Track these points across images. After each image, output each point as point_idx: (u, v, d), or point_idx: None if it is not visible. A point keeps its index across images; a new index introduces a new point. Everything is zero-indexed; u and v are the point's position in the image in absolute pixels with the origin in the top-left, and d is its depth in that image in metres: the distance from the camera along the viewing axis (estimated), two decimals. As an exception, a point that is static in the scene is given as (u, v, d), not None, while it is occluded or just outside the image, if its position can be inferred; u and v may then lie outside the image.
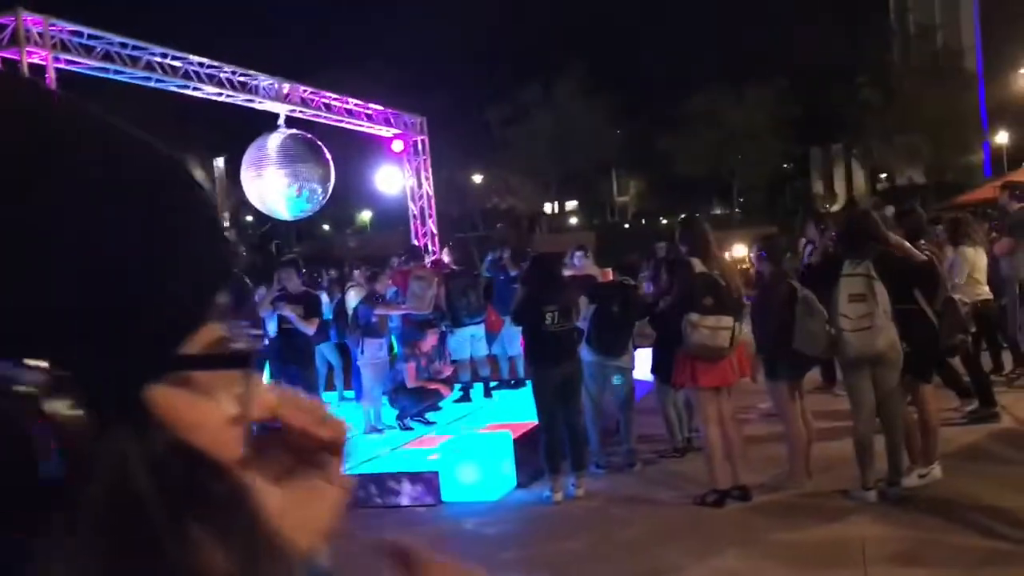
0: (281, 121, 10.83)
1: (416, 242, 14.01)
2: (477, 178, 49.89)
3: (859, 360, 5.81)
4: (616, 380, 7.34)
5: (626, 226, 54.72)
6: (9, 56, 7.23)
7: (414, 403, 9.62)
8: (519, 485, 7.17)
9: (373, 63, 40.96)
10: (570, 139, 45.39)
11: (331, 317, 10.82)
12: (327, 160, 10.90)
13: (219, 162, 49.71)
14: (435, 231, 14.19)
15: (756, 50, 47.99)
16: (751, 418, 8.11)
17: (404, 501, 7.08)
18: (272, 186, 10.53)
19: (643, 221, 62.26)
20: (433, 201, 14.20)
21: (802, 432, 6.47)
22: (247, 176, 10.58)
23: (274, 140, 10.58)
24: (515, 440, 7.63)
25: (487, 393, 10.46)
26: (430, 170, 14.11)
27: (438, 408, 10.41)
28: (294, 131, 10.75)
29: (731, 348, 6.08)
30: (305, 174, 10.60)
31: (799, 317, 6.21)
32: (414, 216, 14.03)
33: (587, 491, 6.80)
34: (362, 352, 9.62)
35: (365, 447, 8.94)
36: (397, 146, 13.77)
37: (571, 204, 58.21)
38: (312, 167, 10.65)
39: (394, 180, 13.84)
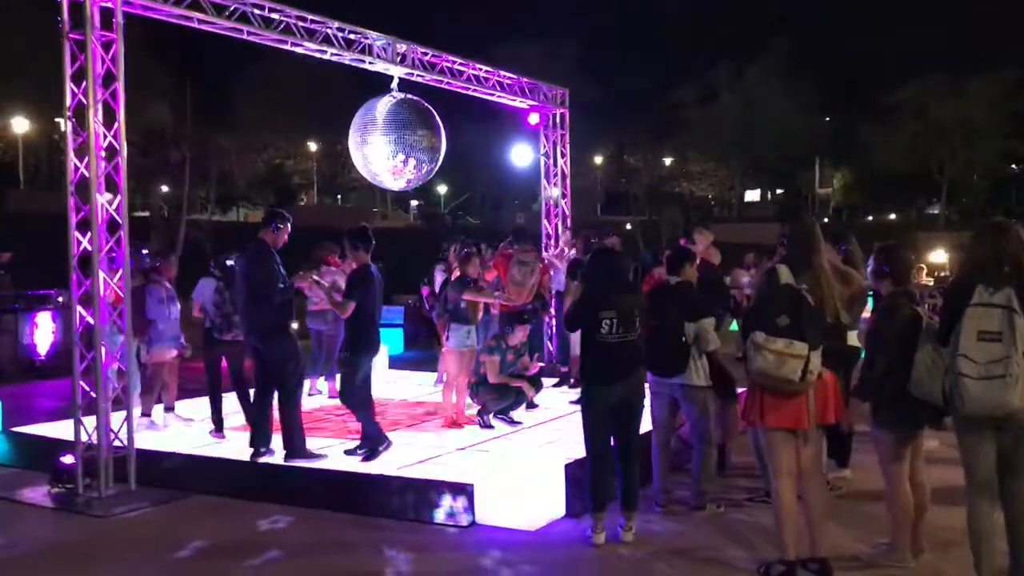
0: (394, 85, 10.14)
1: (547, 223, 13.08)
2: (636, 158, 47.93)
3: (980, 419, 4.42)
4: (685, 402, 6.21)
5: (825, 220, 51.18)
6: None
7: (495, 400, 8.78)
8: (569, 514, 6.15)
9: (520, 35, 39.82)
10: (764, 124, 42.82)
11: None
12: (438, 129, 10.12)
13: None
14: (568, 212, 13.19)
15: (984, 37, 43.47)
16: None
17: (437, 517, 6.24)
18: (377, 154, 9.87)
19: (843, 216, 58.38)
20: (568, 181, 13.19)
21: (908, 499, 5.12)
22: (353, 143, 9.96)
23: (382, 105, 9.90)
24: (573, 461, 6.65)
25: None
26: (568, 147, 13.10)
27: (535, 406, 9.51)
28: (406, 95, 10.03)
29: (802, 382, 4.81)
30: (412, 143, 9.87)
31: (922, 354, 4.87)
32: (544, 195, 13.09)
33: (637, 535, 5.73)
34: (447, 339, 8.85)
35: (435, 442, 8.18)
36: (533, 119, 12.87)
37: (753, 194, 55.27)
38: (420, 135, 9.91)
39: (528, 155, 12.91)
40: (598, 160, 49.36)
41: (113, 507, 6.75)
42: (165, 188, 31.95)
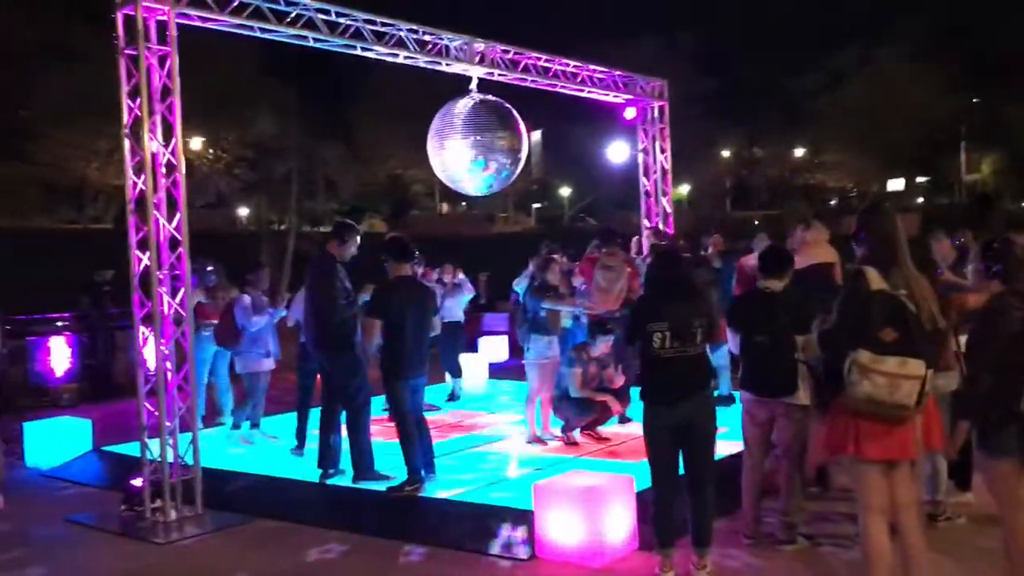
0: (473, 86, 9.72)
1: (647, 222, 12.41)
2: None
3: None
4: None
5: (966, 207, 47.79)
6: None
7: (578, 415, 8.23)
8: (642, 546, 5.55)
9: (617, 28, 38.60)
10: (900, 109, 40.38)
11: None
12: (519, 130, 9.65)
13: (536, 135, 50.53)
14: (669, 210, 12.48)
15: None
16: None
17: (493, 548, 5.75)
18: (456, 158, 9.48)
19: (991, 203, 54.56)
20: (670, 177, 12.48)
21: (1026, 535, 4.30)
22: (431, 147, 9.60)
23: (461, 107, 9.51)
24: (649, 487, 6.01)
25: None
26: (668, 141, 12.40)
27: (629, 420, 8.91)
28: (485, 96, 9.60)
29: (918, 408, 4.09)
30: (491, 145, 9.43)
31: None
32: (646, 193, 12.42)
33: (714, 573, 5.08)
34: (527, 350, 8.37)
35: (509, 461, 7.72)
36: (629, 113, 12.24)
37: (897, 183, 52.24)
38: (500, 137, 9.45)
39: (624, 152, 12.26)
40: (726, 154, 47.91)
41: (173, 532, 6.59)
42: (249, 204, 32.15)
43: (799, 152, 48.75)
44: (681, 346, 4.91)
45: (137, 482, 7.05)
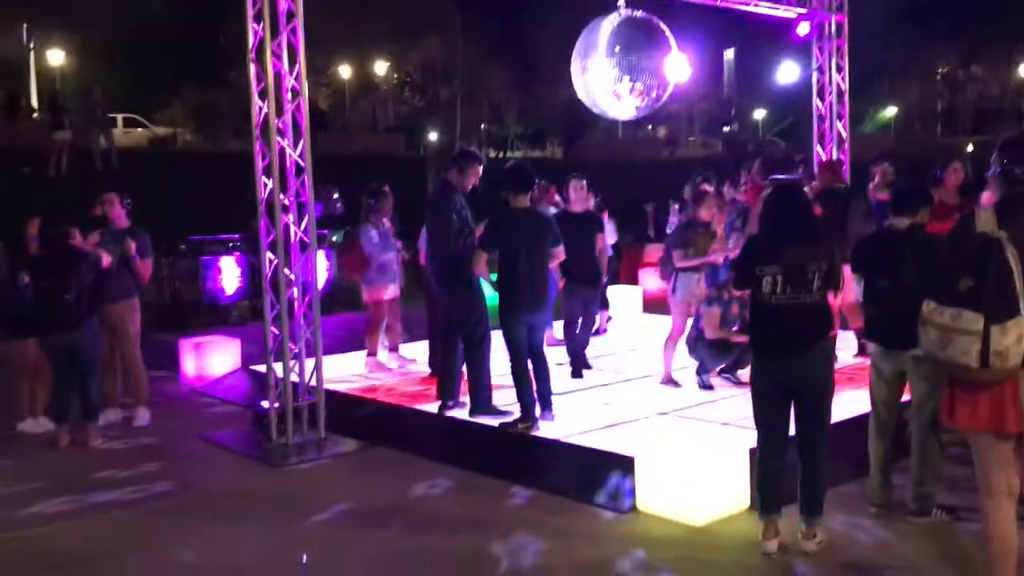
0: (621, 2, 9.10)
1: (818, 150, 11.42)
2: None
3: None
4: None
5: None
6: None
7: (714, 357, 7.74)
8: (754, 507, 5.09)
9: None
10: None
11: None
12: (669, 49, 8.97)
13: (729, 54, 48.26)
14: (845, 134, 11.42)
15: None
16: None
17: (597, 497, 5.47)
18: (600, 80, 8.96)
19: None
20: (847, 99, 11.39)
21: None
22: (575, 69, 9.10)
23: (607, 25, 8.93)
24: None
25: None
26: (846, 59, 11.28)
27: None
28: (633, 12, 8.97)
29: (984, 370, 3.43)
30: (639, 66, 8.83)
31: None
32: (820, 117, 11.40)
33: (827, 543, 4.62)
34: (673, 291, 7.91)
35: (636, 403, 7.35)
36: (803, 29, 11.18)
37: None
38: (648, 57, 8.84)
39: (794, 72, 11.25)
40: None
41: (293, 456, 6.69)
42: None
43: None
44: (794, 293, 4.35)
45: (265, 404, 7.22)
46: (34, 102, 35.61)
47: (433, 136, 38.48)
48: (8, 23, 35.36)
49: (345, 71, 40.28)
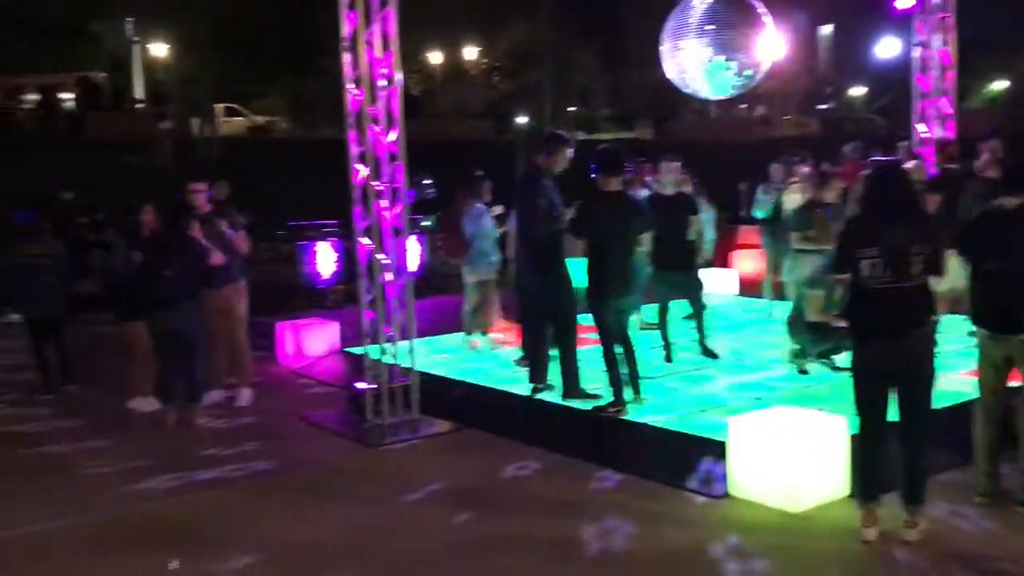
0: (713, -21, 8.94)
1: (923, 128, 11.01)
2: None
3: None
4: None
5: None
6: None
7: (812, 341, 7.58)
8: (854, 494, 4.99)
9: None
10: None
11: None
12: (765, 27, 8.79)
13: (824, 29, 46.93)
14: (951, 111, 10.99)
15: None
16: None
17: (689, 482, 5.44)
18: (693, 59, 8.84)
19: None
20: (952, 74, 10.95)
21: None
22: (665, 49, 9.01)
23: (699, 4, 8.80)
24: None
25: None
26: (954, 32, 10.84)
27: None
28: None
29: None
30: (732, 43, 8.68)
31: None
32: (921, 93, 10.99)
33: (929, 533, 4.49)
34: (787, 266, 7.78)
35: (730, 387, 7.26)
36: (904, 1, 10.82)
37: None
38: (742, 34, 8.68)
39: (894, 47, 10.85)
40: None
41: (387, 437, 6.82)
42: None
43: None
44: (894, 277, 4.22)
45: (361, 385, 7.38)
46: (139, 94, 37.04)
47: (522, 120, 38.55)
48: (115, 19, 36.86)
49: (435, 57, 40.65)
